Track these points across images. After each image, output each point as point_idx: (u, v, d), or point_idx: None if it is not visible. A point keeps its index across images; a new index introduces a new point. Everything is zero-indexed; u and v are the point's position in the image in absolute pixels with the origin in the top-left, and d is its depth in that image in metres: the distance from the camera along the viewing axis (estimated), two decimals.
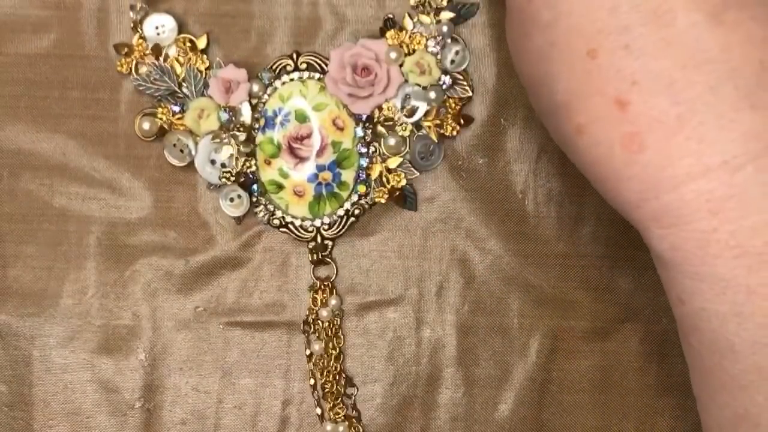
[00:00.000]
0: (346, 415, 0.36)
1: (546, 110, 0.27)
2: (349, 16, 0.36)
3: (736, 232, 0.24)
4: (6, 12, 0.35)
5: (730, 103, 0.23)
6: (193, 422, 0.36)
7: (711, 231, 0.24)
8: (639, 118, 0.24)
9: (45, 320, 0.36)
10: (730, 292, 0.24)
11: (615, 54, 0.24)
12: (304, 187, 0.35)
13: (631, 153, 0.24)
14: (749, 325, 0.24)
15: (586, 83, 0.25)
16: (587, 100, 0.25)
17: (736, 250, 0.24)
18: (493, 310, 0.36)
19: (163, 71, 0.35)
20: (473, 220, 0.36)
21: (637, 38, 0.24)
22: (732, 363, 0.25)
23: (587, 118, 0.25)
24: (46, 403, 0.36)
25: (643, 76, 0.24)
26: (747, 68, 0.23)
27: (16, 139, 0.36)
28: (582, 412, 0.36)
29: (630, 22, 0.24)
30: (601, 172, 0.26)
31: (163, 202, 0.36)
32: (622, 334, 0.36)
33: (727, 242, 0.24)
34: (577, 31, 0.25)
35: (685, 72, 0.23)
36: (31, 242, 0.36)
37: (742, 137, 0.23)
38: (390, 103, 0.35)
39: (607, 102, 0.24)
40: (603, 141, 0.25)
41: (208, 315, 0.36)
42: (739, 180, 0.23)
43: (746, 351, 0.24)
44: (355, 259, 0.36)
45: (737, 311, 0.24)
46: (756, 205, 0.23)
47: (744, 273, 0.24)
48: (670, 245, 0.25)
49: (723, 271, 0.24)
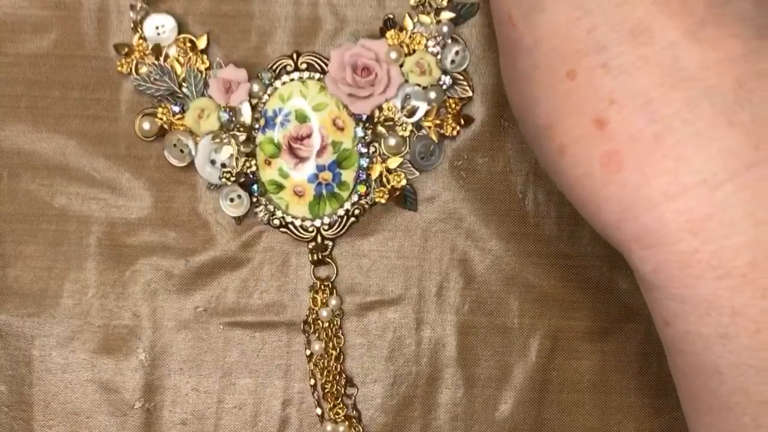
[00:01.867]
0: (346, 415, 0.36)
1: (531, 134, 0.27)
2: (349, 16, 0.36)
3: (718, 253, 0.23)
4: (6, 12, 0.35)
5: (707, 120, 0.23)
6: (193, 422, 0.36)
7: (692, 252, 0.24)
8: (617, 136, 0.24)
9: (45, 320, 0.36)
10: (714, 314, 0.24)
11: (593, 73, 0.24)
12: (304, 187, 0.35)
13: (610, 172, 0.24)
14: (734, 346, 0.24)
15: (566, 103, 0.25)
16: (567, 121, 0.25)
17: (718, 270, 0.23)
18: (493, 310, 0.36)
19: (163, 71, 0.35)
20: (473, 220, 0.36)
21: (615, 57, 0.24)
22: (718, 384, 0.25)
23: (568, 138, 0.25)
24: (46, 403, 0.36)
25: (621, 95, 0.24)
26: (724, 86, 0.23)
27: (16, 139, 0.36)
28: (582, 412, 0.36)
29: (608, 41, 0.24)
30: (582, 193, 0.26)
31: (163, 202, 0.36)
32: (622, 334, 0.36)
33: (708, 263, 0.23)
34: (557, 52, 0.25)
35: (662, 90, 0.23)
36: (31, 242, 0.36)
37: (719, 155, 0.23)
38: (390, 103, 0.35)
39: (586, 121, 0.24)
40: (583, 161, 0.25)
41: (208, 315, 0.36)
42: (719, 199, 0.23)
43: (732, 373, 0.24)
44: (355, 259, 0.36)
45: (722, 333, 0.24)
46: (737, 225, 0.23)
47: (727, 294, 0.23)
48: (652, 267, 0.25)
49: (706, 293, 0.24)
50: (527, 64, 0.26)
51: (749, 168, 0.23)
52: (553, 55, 0.25)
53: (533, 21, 0.25)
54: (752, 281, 0.23)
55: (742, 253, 0.23)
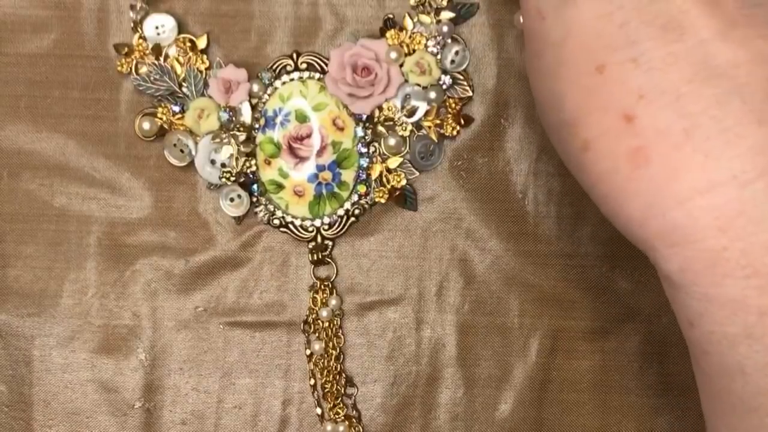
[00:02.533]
0: (346, 415, 0.36)
1: (554, 128, 0.27)
2: (349, 16, 0.36)
3: (747, 251, 0.23)
4: (6, 12, 0.35)
5: (737, 117, 0.23)
6: (193, 422, 0.36)
7: (720, 249, 0.23)
8: (645, 131, 0.24)
9: (45, 320, 0.36)
10: (740, 314, 0.24)
11: (622, 68, 0.24)
12: (304, 187, 0.35)
13: (637, 167, 0.24)
14: (760, 347, 0.24)
15: (593, 98, 0.25)
16: (593, 115, 0.25)
17: (747, 269, 0.23)
18: (493, 310, 0.36)
19: (163, 71, 0.35)
20: (473, 220, 0.36)
21: (645, 52, 0.24)
22: (742, 385, 0.24)
23: (593, 133, 0.25)
24: (46, 403, 0.36)
25: (650, 90, 0.24)
26: (754, 84, 0.23)
27: (16, 139, 0.36)
28: (582, 412, 0.36)
29: (638, 37, 0.24)
30: (605, 188, 0.25)
31: (163, 202, 0.36)
32: (622, 334, 0.36)
33: (737, 261, 0.23)
34: (586, 47, 0.25)
35: (692, 86, 0.23)
36: (31, 242, 0.36)
37: (749, 152, 0.23)
38: (390, 103, 0.35)
39: (614, 116, 0.24)
40: (608, 156, 0.25)
41: (208, 315, 0.36)
42: (749, 196, 0.23)
43: (757, 373, 0.24)
44: (355, 259, 0.36)
45: (748, 333, 0.24)
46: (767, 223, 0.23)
47: (755, 294, 0.23)
48: (677, 266, 0.24)
49: (733, 292, 0.23)
50: (554, 58, 0.26)
51: None
52: (582, 49, 0.25)
53: (563, 15, 0.25)
54: None
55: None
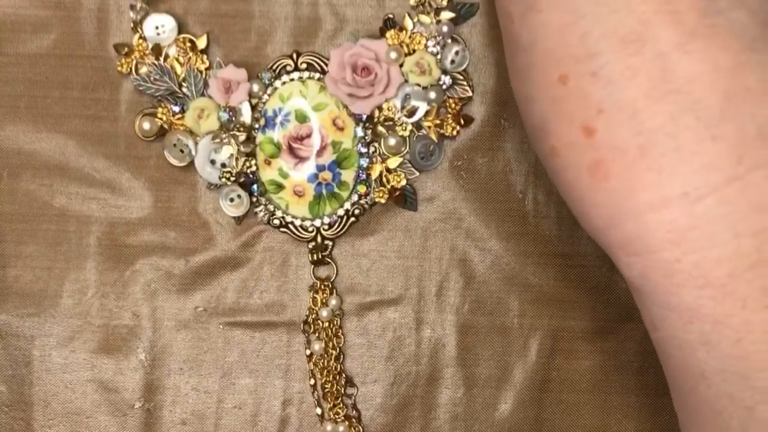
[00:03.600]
0: (346, 415, 0.36)
1: (529, 130, 0.27)
2: (349, 16, 0.36)
3: (700, 263, 0.24)
4: (6, 12, 0.35)
5: (691, 134, 0.23)
6: (193, 422, 0.36)
7: (674, 261, 0.24)
8: (604, 146, 0.24)
9: (45, 320, 0.36)
10: (696, 322, 0.24)
11: (584, 80, 0.24)
12: (304, 187, 0.35)
13: (597, 180, 0.24)
14: (717, 353, 0.24)
15: (558, 108, 0.25)
16: (558, 125, 0.25)
17: (699, 280, 0.24)
18: (493, 310, 0.36)
19: (163, 71, 0.35)
20: (473, 220, 0.36)
21: (605, 66, 0.24)
22: (705, 389, 0.25)
23: (559, 142, 0.25)
24: (46, 403, 0.36)
25: (609, 105, 0.24)
26: (711, 99, 0.23)
27: (16, 139, 0.36)
28: (582, 412, 0.36)
29: (599, 49, 0.24)
30: (572, 194, 0.26)
31: (163, 202, 0.36)
32: (622, 334, 0.36)
33: (690, 273, 0.24)
34: (551, 55, 0.25)
35: (648, 102, 0.23)
36: (31, 242, 0.36)
37: (702, 169, 0.23)
38: (390, 103, 0.35)
39: (576, 128, 0.24)
40: (572, 166, 0.25)
41: (208, 315, 0.36)
42: (700, 211, 0.23)
43: (716, 378, 0.24)
44: (355, 259, 0.36)
45: (705, 340, 0.24)
46: (718, 237, 0.23)
47: (709, 303, 0.24)
48: (638, 273, 0.25)
49: (688, 301, 0.24)
50: (524, 63, 0.26)
51: (731, 182, 0.23)
52: (547, 57, 0.25)
53: (530, 21, 0.25)
54: (732, 292, 0.23)
55: (722, 264, 0.23)
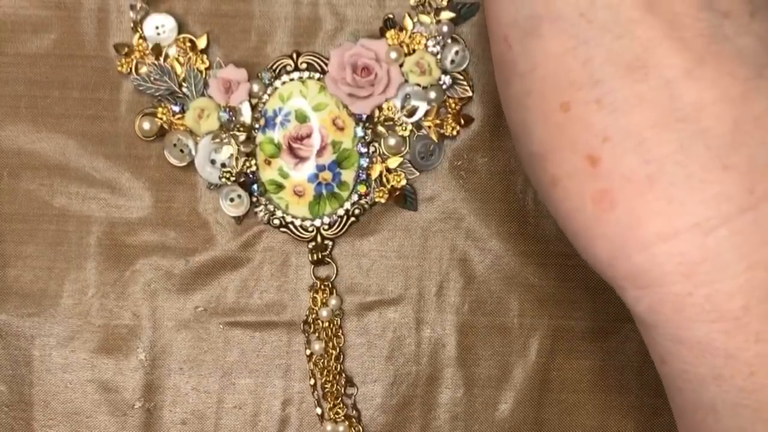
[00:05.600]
0: (346, 414, 0.36)
1: (525, 158, 0.26)
2: (349, 16, 0.36)
3: (712, 296, 0.23)
4: (6, 12, 0.35)
5: (701, 163, 0.23)
6: (193, 422, 0.36)
7: (686, 294, 0.23)
8: (610, 175, 0.23)
9: (45, 320, 0.36)
10: (708, 356, 0.23)
11: (587, 108, 0.23)
12: (304, 187, 0.35)
13: (602, 210, 0.24)
14: (729, 387, 0.23)
15: (559, 136, 0.24)
16: (560, 153, 0.24)
17: (712, 314, 0.23)
18: (493, 309, 0.36)
19: (163, 71, 0.35)
20: (473, 220, 0.36)
21: (609, 93, 0.23)
22: (714, 422, 0.24)
23: (560, 171, 0.24)
24: (46, 403, 0.36)
25: (615, 133, 0.23)
26: (720, 127, 0.23)
27: (16, 139, 0.36)
28: (582, 412, 0.36)
29: (603, 75, 0.23)
30: (573, 226, 0.25)
31: (163, 202, 0.36)
32: (622, 334, 0.36)
33: (702, 306, 0.23)
34: (551, 81, 0.24)
35: (655, 130, 0.23)
36: (31, 242, 0.36)
37: (713, 199, 0.23)
38: (390, 103, 0.35)
39: (579, 157, 0.24)
40: (575, 195, 0.24)
41: (208, 315, 0.36)
42: (712, 243, 0.23)
43: (728, 412, 0.24)
44: (355, 259, 0.36)
45: (716, 374, 0.24)
46: (730, 269, 0.23)
47: (721, 338, 0.23)
48: (646, 307, 0.24)
49: (700, 335, 0.23)
50: (521, 89, 0.25)
51: (743, 212, 0.23)
52: (547, 83, 0.24)
53: (529, 46, 0.24)
54: (745, 325, 0.23)
55: (735, 297, 0.23)
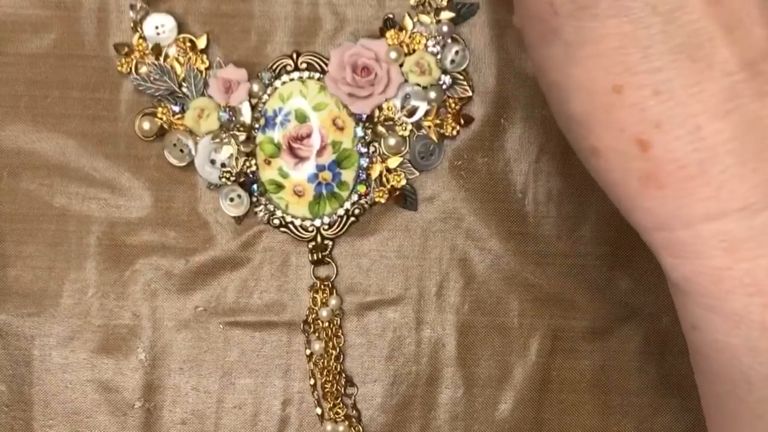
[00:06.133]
0: (346, 414, 0.36)
1: (559, 115, 0.26)
2: (349, 16, 0.36)
3: (752, 271, 0.23)
4: (6, 12, 0.35)
5: (755, 152, 0.23)
6: (193, 422, 0.36)
7: (725, 268, 0.24)
8: (660, 160, 0.23)
9: (45, 320, 0.36)
10: (743, 327, 0.24)
11: (641, 93, 0.23)
12: (304, 187, 0.35)
13: (649, 189, 0.24)
14: (764, 359, 0.24)
15: (606, 115, 0.24)
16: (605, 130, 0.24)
17: (751, 288, 0.23)
18: (493, 309, 0.36)
19: (163, 71, 0.35)
20: (473, 220, 0.36)
21: (668, 81, 0.23)
22: (747, 393, 0.24)
23: (604, 146, 0.24)
24: (46, 403, 0.36)
25: (669, 120, 0.23)
26: None
27: (16, 139, 0.36)
28: (582, 412, 0.36)
29: (663, 64, 0.23)
30: (615, 193, 0.25)
31: (163, 202, 0.36)
32: (622, 334, 0.36)
33: (741, 280, 0.23)
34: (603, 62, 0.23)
35: (711, 119, 0.23)
36: (31, 242, 0.36)
37: (762, 185, 0.23)
38: (390, 103, 0.35)
39: (628, 139, 0.24)
40: (619, 171, 0.24)
41: (208, 315, 0.36)
42: (758, 223, 0.23)
43: (761, 383, 0.24)
44: (355, 259, 0.36)
45: (751, 346, 0.24)
46: None
47: (758, 310, 0.23)
48: (682, 275, 0.24)
49: (737, 307, 0.24)
50: (564, 57, 0.24)
51: None
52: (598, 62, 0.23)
53: (581, 20, 0.23)
54: None
55: None
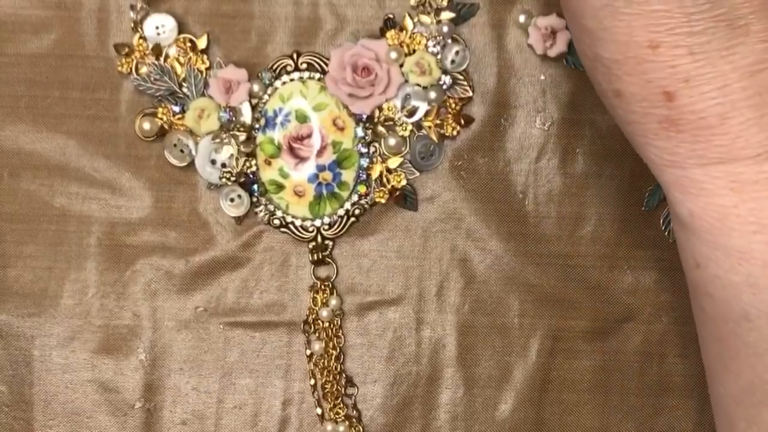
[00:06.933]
0: (346, 415, 0.36)
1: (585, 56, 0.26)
2: (349, 16, 0.36)
3: (756, 210, 0.24)
4: (6, 12, 0.35)
5: None
6: (193, 422, 0.36)
7: (731, 206, 0.24)
8: (683, 110, 0.24)
9: (45, 320, 0.36)
10: (745, 264, 0.25)
11: (676, 52, 0.24)
12: (305, 187, 0.35)
13: (666, 131, 0.25)
14: (764, 296, 0.24)
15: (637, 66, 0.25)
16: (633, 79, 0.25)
17: (754, 225, 0.24)
18: (493, 310, 0.36)
19: (164, 71, 0.35)
20: (473, 220, 0.36)
21: (704, 44, 0.24)
22: (747, 331, 0.25)
23: (629, 90, 0.25)
24: (46, 403, 0.36)
25: (698, 77, 0.24)
26: None
27: (16, 139, 0.36)
28: (582, 412, 0.36)
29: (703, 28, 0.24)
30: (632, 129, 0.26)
31: (163, 202, 0.36)
32: (622, 334, 0.36)
33: (746, 218, 0.24)
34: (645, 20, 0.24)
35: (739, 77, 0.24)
36: (31, 242, 0.36)
37: None
38: (390, 103, 0.35)
39: (654, 89, 0.25)
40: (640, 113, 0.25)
41: (208, 315, 0.36)
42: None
43: (761, 321, 0.25)
44: (355, 259, 0.36)
45: (752, 282, 0.25)
46: None
47: (761, 248, 0.24)
48: (689, 210, 0.25)
49: (740, 243, 0.25)
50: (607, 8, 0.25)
51: None
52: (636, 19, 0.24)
53: None
54: None
55: None
